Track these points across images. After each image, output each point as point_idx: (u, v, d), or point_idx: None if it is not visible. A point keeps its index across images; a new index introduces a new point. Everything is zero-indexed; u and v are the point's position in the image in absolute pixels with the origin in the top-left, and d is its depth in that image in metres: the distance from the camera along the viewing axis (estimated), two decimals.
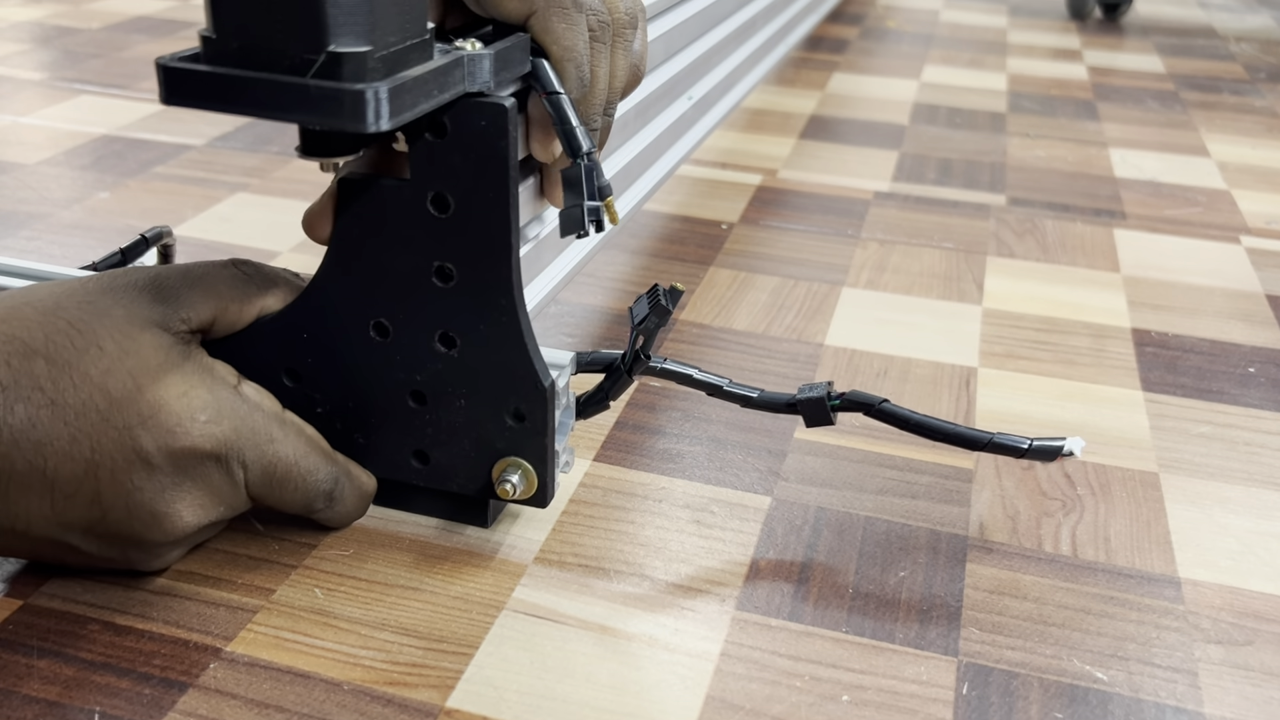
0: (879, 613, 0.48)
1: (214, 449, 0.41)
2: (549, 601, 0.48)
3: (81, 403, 0.37)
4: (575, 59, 0.46)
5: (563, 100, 0.46)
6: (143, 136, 1.02)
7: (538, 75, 0.46)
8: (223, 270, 0.45)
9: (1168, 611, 0.49)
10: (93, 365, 0.38)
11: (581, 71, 0.46)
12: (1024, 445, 0.51)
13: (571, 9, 0.46)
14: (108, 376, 0.38)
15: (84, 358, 0.38)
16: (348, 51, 0.36)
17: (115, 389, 0.38)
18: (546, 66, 0.46)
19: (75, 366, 0.38)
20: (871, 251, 0.85)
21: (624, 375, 0.51)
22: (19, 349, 0.37)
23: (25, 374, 0.37)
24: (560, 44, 0.46)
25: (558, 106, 0.46)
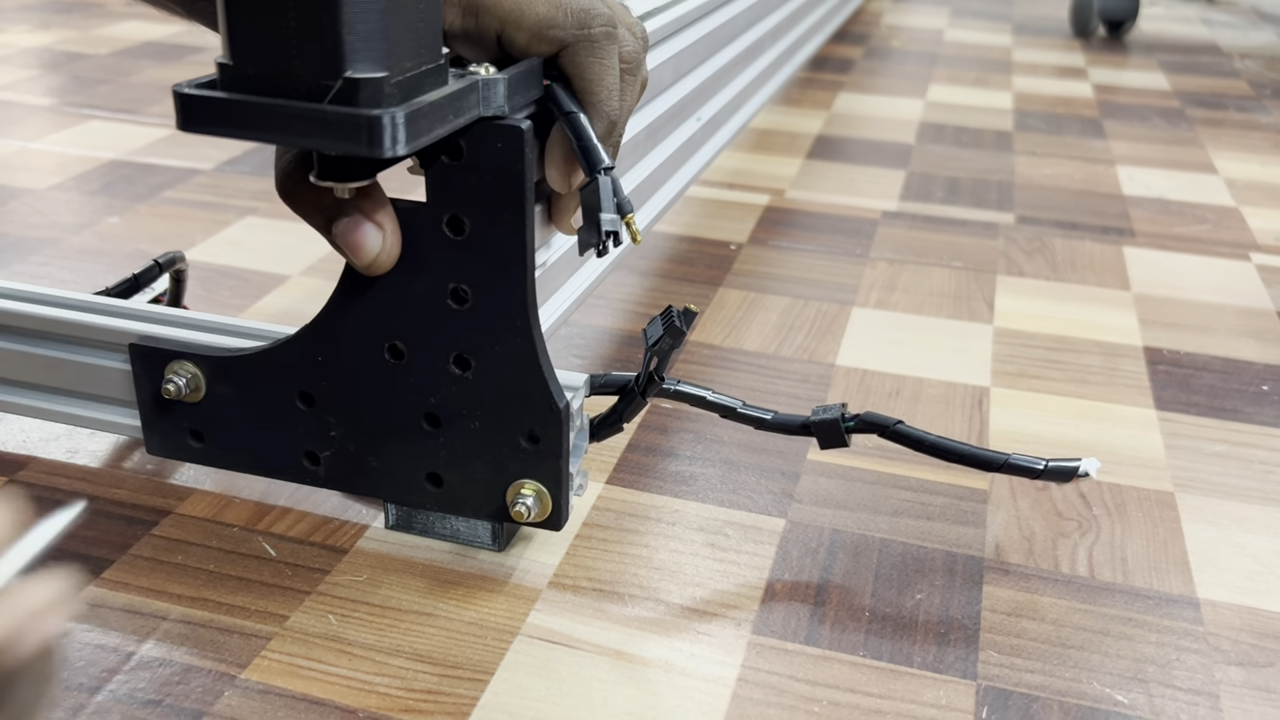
0: (896, 635, 0.48)
1: None
2: (564, 626, 0.47)
3: None
4: (607, 96, 0.45)
5: (580, 118, 0.45)
6: (152, 161, 1.03)
7: (554, 97, 0.46)
8: None
9: (1187, 633, 0.48)
10: None
11: (610, 106, 0.46)
12: (1039, 466, 0.51)
13: (604, 42, 0.45)
14: None
15: None
16: (364, 77, 0.36)
17: None
18: (559, 89, 0.46)
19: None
20: (881, 271, 0.85)
21: (638, 397, 0.51)
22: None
23: None
24: (592, 80, 0.45)
25: (576, 126, 0.45)
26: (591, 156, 0.45)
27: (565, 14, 0.44)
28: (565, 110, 0.45)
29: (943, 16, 1.89)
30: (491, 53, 0.45)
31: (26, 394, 0.54)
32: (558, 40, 0.44)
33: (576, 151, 0.45)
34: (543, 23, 0.44)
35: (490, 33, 0.44)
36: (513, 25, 0.44)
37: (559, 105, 0.46)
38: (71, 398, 0.54)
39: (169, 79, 1.31)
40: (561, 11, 0.44)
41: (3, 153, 1.04)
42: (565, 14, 0.44)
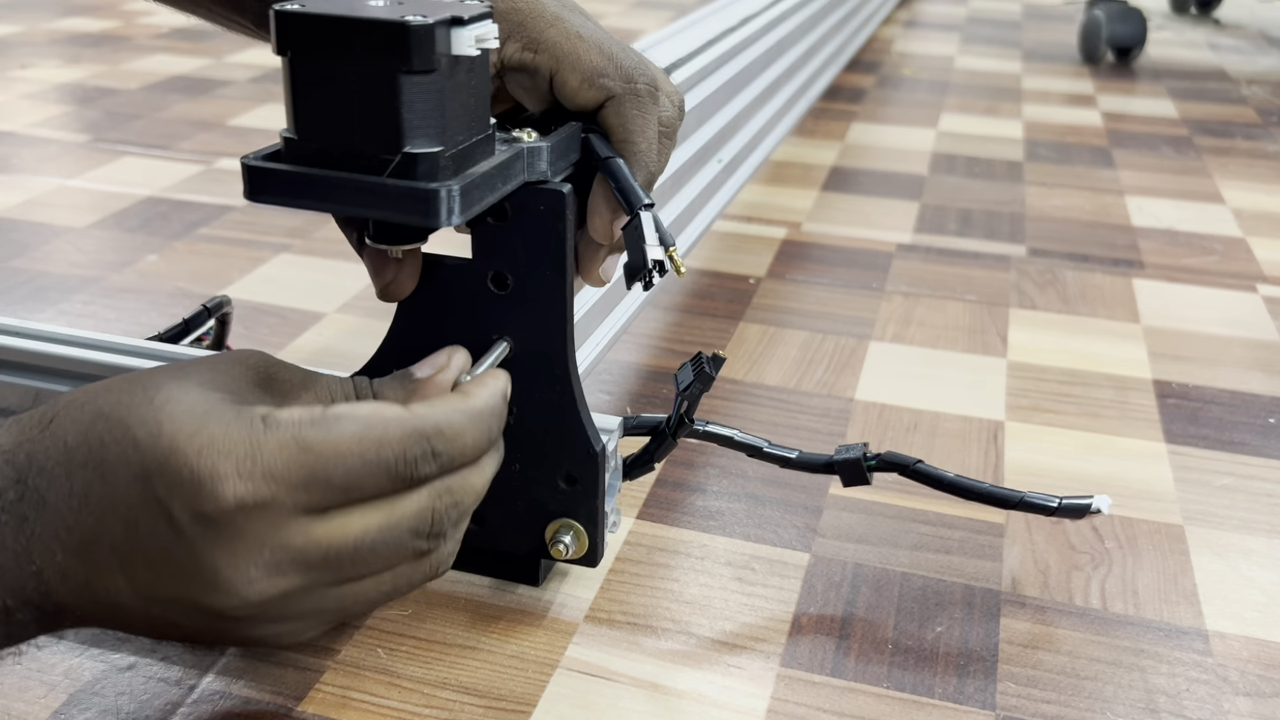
0: (918, 667, 0.50)
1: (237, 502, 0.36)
2: (601, 659, 0.50)
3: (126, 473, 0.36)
4: (647, 148, 0.48)
5: (619, 162, 0.47)
6: (186, 198, 1.06)
7: (592, 147, 0.48)
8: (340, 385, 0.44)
9: (1197, 664, 0.51)
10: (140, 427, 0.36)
11: (650, 158, 0.48)
12: (1053, 504, 0.53)
13: (647, 98, 0.48)
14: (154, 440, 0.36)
15: (134, 418, 0.36)
16: (421, 152, 0.39)
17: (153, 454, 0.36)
18: (597, 139, 0.48)
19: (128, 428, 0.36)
20: (896, 305, 0.87)
21: (669, 438, 0.54)
22: (89, 412, 0.37)
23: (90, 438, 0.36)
24: (634, 132, 0.47)
25: (616, 169, 0.47)
26: (632, 196, 0.47)
27: (615, 66, 0.47)
28: (604, 156, 0.47)
29: (953, 43, 1.92)
30: (541, 92, 0.48)
31: None
32: (606, 89, 0.47)
33: (616, 194, 0.47)
34: (595, 70, 0.47)
35: (545, 71, 0.47)
36: (568, 67, 0.46)
37: (598, 153, 0.47)
38: None
39: (198, 113, 1.34)
40: (613, 64, 0.47)
41: (42, 190, 1.07)
42: (615, 66, 0.47)
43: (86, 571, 0.37)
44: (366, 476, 0.38)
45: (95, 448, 0.37)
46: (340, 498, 0.38)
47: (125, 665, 0.48)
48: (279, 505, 0.37)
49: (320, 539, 0.37)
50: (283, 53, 0.39)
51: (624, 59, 0.48)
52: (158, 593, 0.37)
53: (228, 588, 0.36)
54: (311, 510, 0.37)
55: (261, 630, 0.39)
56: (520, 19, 0.47)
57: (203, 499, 0.36)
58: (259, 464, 0.36)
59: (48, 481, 0.36)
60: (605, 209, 0.48)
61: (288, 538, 0.37)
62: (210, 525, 0.36)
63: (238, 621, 0.38)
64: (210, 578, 0.36)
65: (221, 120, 1.32)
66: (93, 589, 0.37)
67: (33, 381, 0.56)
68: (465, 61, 0.40)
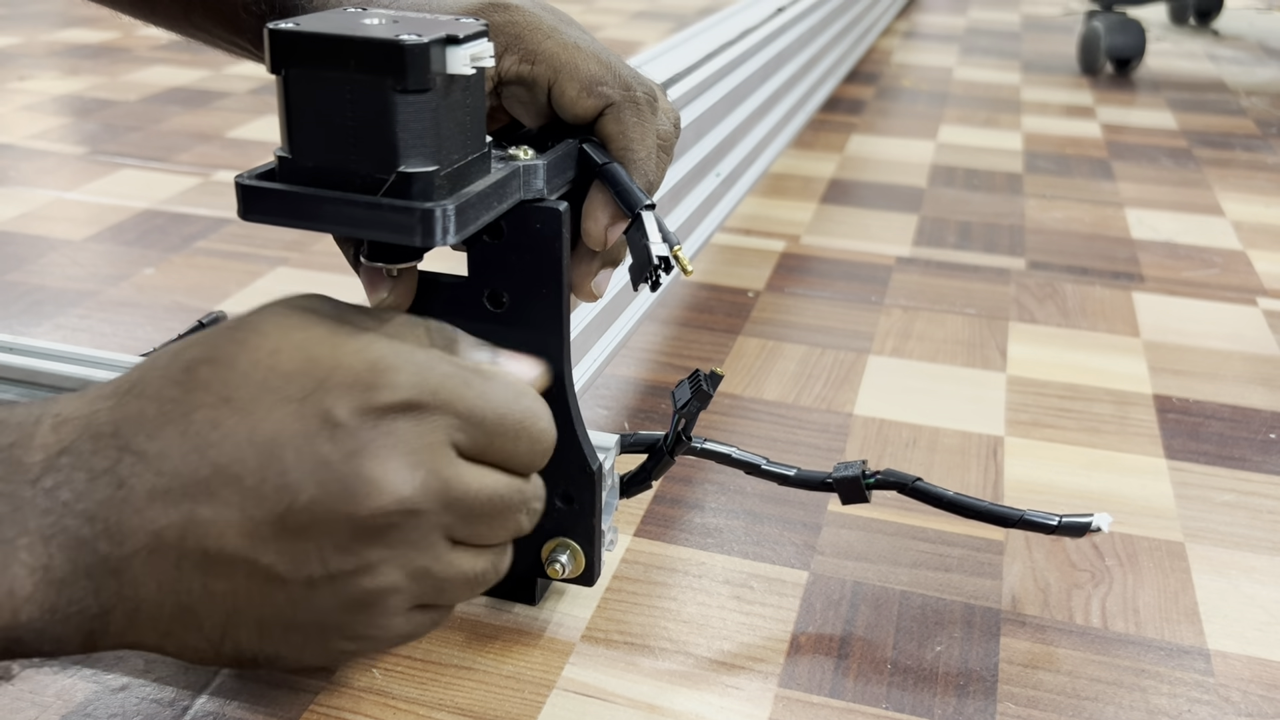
0: (918, 688, 0.49)
1: (403, 399, 0.36)
2: (598, 680, 0.49)
3: (253, 390, 0.36)
4: (646, 156, 0.48)
5: (616, 166, 0.47)
6: (183, 211, 1.06)
7: (588, 156, 0.47)
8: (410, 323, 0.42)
9: (1198, 684, 0.50)
10: (257, 351, 0.37)
11: (649, 168, 0.48)
12: (1053, 523, 0.53)
13: (645, 107, 0.48)
14: (276, 356, 0.36)
15: (245, 348, 0.37)
16: (416, 172, 0.38)
17: (285, 365, 0.36)
18: (592, 148, 0.47)
19: (239, 358, 0.36)
20: (896, 318, 0.87)
21: (666, 456, 0.54)
22: (185, 363, 0.37)
23: (196, 383, 0.36)
24: (633, 140, 0.47)
25: (613, 172, 0.47)
26: (632, 197, 0.46)
27: (614, 75, 0.47)
28: (602, 161, 0.47)
29: (952, 54, 1.92)
30: (538, 105, 0.48)
31: None
32: (605, 96, 0.47)
33: (615, 198, 0.46)
34: (594, 79, 0.46)
35: (543, 82, 0.47)
36: (566, 76, 0.46)
37: (595, 160, 0.47)
38: None
39: (197, 125, 1.34)
40: (611, 72, 0.47)
41: (40, 203, 1.07)
42: (614, 75, 0.47)
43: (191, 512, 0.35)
44: (511, 438, 0.39)
45: (209, 385, 0.36)
46: (485, 447, 0.39)
47: (118, 686, 0.48)
48: (437, 425, 0.37)
49: (464, 476, 0.38)
50: (277, 71, 0.39)
51: (621, 69, 0.48)
52: (292, 506, 0.35)
53: (383, 485, 0.36)
54: (461, 447, 0.38)
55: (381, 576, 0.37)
56: (517, 32, 0.47)
57: (374, 388, 0.36)
58: (428, 379, 0.37)
59: (146, 437, 0.35)
60: (603, 214, 0.47)
61: (441, 462, 0.37)
62: (375, 417, 0.36)
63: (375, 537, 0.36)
64: (366, 471, 0.35)
65: (220, 132, 1.32)
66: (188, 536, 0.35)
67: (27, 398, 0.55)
68: (460, 80, 0.40)
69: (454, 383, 0.38)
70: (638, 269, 0.46)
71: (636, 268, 0.47)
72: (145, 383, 0.37)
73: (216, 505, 0.35)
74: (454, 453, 0.38)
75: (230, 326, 0.38)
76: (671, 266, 0.46)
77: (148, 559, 0.35)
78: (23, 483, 0.34)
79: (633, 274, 0.47)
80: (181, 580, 0.36)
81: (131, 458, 0.35)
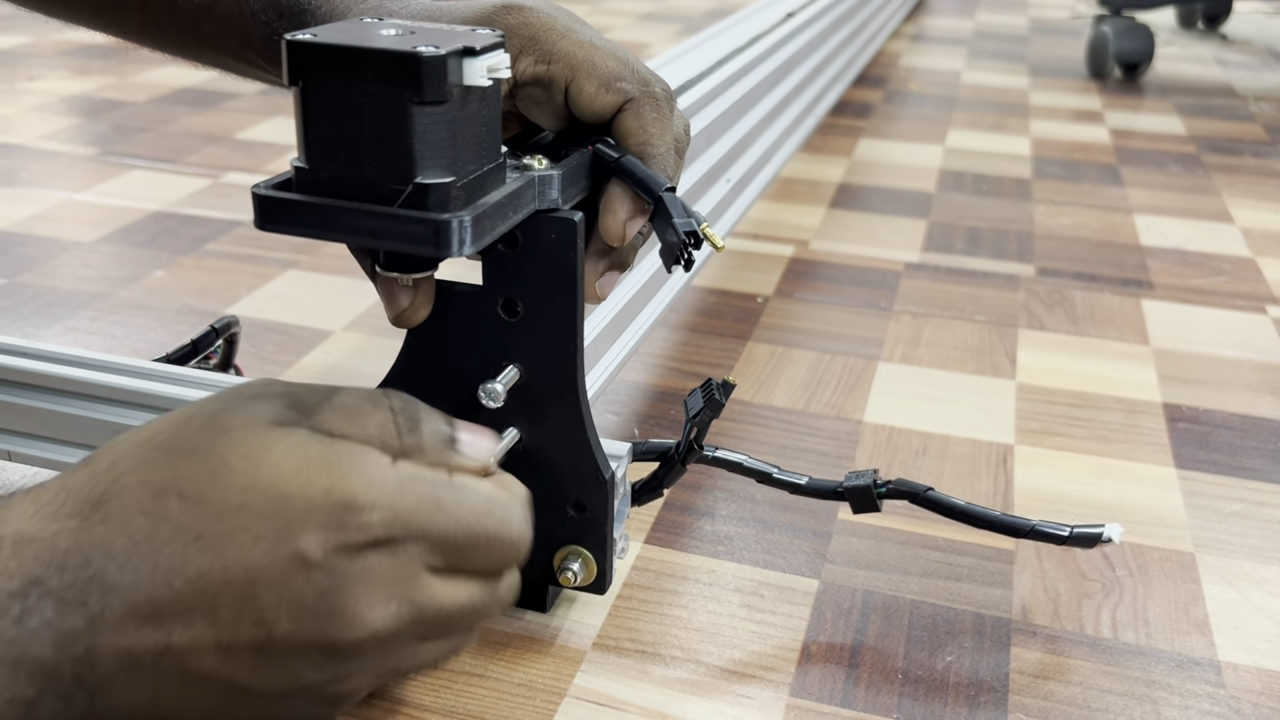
0: (929, 698, 0.50)
1: (376, 536, 0.36)
2: (609, 688, 0.49)
3: (225, 530, 0.35)
4: (665, 152, 0.48)
5: (632, 159, 0.47)
6: (193, 212, 1.06)
7: (602, 154, 0.47)
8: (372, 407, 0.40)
9: (1209, 696, 0.50)
10: (227, 488, 0.36)
11: (668, 163, 0.48)
12: (1064, 533, 0.53)
13: (664, 105, 0.48)
14: (246, 495, 0.36)
15: (215, 483, 0.36)
16: (433, 183, 0.38)
17: (256, 505, 0.36)
18: (606, 145, 0.47)
19: (209, 494, 0.36)
20: (905, 325, 0.87)
21: (678, 465, 0.54)
22: (149, 492, 0.36)
23: (165, 515, 0.35)
24: (653, 135, 0.47)
25: (630, 163, 0.46)
26: (652, 183, 0.46)
27: (631, 71, 0.47)
28: (619, 155, 0.47)
29: (959, 58, 1.92)
30: (555, 105, 0.48)
31: None
32: (623, 92, 0.47)
33: (634, 187, 0.46)
34: (611, 75, 0.47)
35: (560, 81, 0.47)
36: (584, 73, 0.46)
37: (609, 155, 0.47)
38: None
39: (206, 127, 1.34)
40: (628, 69, 0.47)
41: (50, 204, 1.07)
42: (631, 71, 0.47)
43: (167, 636, 0.35)
44: (484, 551, 0.39)
45: (179, 520, 0.36)
46: (457, 562, 0.39)
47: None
48: (410, 558, 0.37)
49: (437, 596, 0.38)
50: (294, 83, 0.39)
51: (638, 65, 0.48)
52: (270, 638, 0.36)
53: (357, 620, 0.36)
54: (433, 568, 0.38)
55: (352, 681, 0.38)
56: (532, 33, 0.47)
57: (346, 528, 0.36)
58: (399, 510, 0.37)
59: (118, 569, 0.35)
60: (622, 208, 0.47)
61: (413, 589, 0.38)
62: (349, 556, 0.36)
63: (349, 657, 0.37)
64: (341, 608, 0.36)
65: (229, 134, 1.32)
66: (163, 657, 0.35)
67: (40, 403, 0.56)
68: (477, 91, 0.40)
69: (426, 509, 0.38)
70: (668, 250, 0.46)
71: (666, 250, 0.46)
72: (110, 504, 0.36)
73: (193, 631, 0.35)
74: (428, 574, 0.38)
75: (194, 449, 0.37)
76: (701, 242, 0.46)
77: (124, 680, 0.35)
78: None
79: (664, 257, 0.47)
80: (158, 695, 0.36)
81: (100, 589, 0.35)
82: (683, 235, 0.45)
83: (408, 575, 0.37)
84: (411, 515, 0.37)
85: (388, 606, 0.37)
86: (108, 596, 0.35)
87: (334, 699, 0.39)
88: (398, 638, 0.38)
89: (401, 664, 0.39)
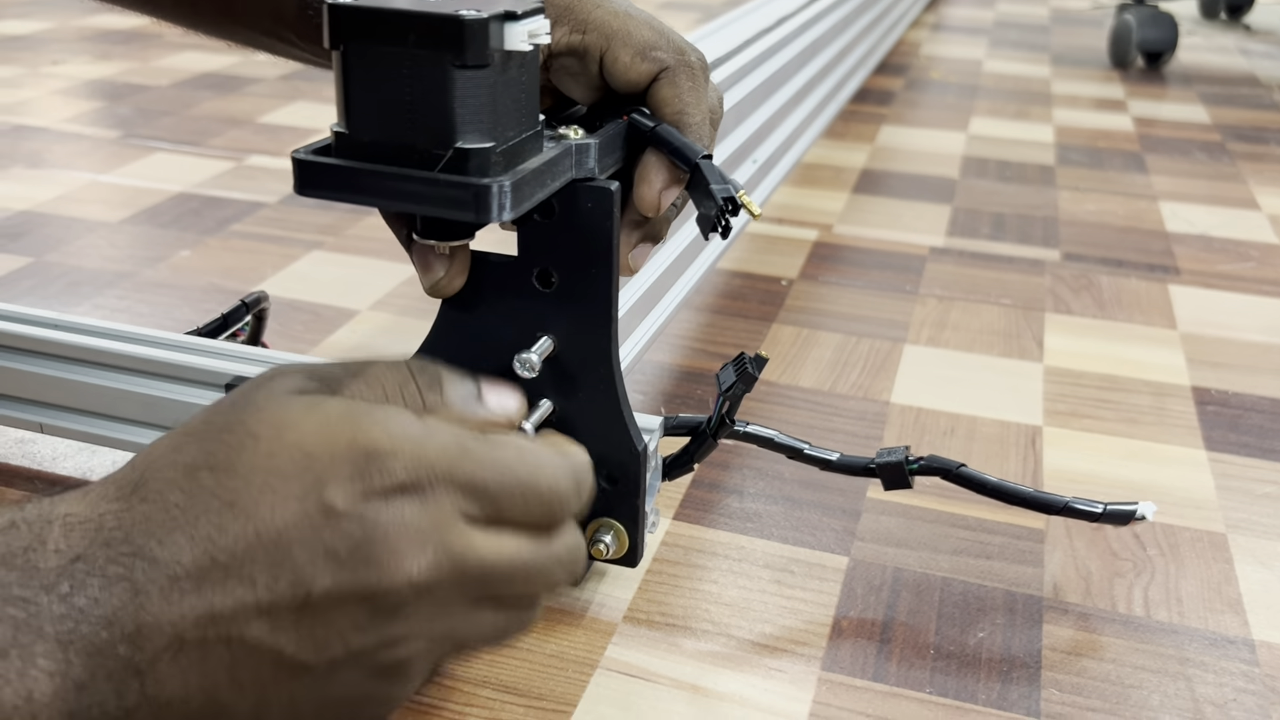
0: (961, 673, 0.49)
1: (400, 481, 0.36)
2: (641, 660, 0.49)
3: (255, 494, 0.36)
4: (701, 120, 0.47)
5: (668, 127, 0.47)
6: (217, 194, 1.06)
7: (638, 122, 0.47)
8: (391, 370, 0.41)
9: (1243, 674, 0.50)
10: (254, 454, 0.36)
11: (704, 132, 0.47)
12: (1098, 510, 0.53)
13: (699, 72, 0.47)
14: (273, 459, 0.36)
15: (243, 452, 0.36)
16: (473, 148, 0.38)
17: (283, 466, 0.36)
18: (640, 113, 0.47)
19: (238, 463, 0.36)
20: (931, 308, 0.87)
21: (709, 439, 0.53)
22: (185, 467, 0.36)
23: (198, 488, 0.36)
24: (689, 104, 0.47)
25: (666, 132, 0.46)
26: (688, 150, 0.46)
27: (667, 40, 0.47)
28: (654, 123, 0.47)
29: (981, 46, 1.91)
30: (590, 76, 0.48)
31: (125, 428, 0.57)
32: (659, 60, 0.47)
33: (670, 156, 0.46)
34: (647, 44, 0.47)
35: (595, 50, 0.47)
36: (619, 42, 0.46)
37: (645, 124, 0.47)
38: None
39: (229, 110, 1.35)
40: (664, 38, 0.47)
41: (75, 185, 1.07)
42: (667, 40, 0.47)
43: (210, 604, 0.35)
44: (520, 499, 0.38)
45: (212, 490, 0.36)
46: (494, 513, 0.38)
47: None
48: (440, 500, 0.36)
49: (478, 547, 0.37)
50: (335, 46, 0.39)
51: (673, 35, 0.48)
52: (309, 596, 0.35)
53: (392, 566, 0.35)
54: (469, 517, 0.37)
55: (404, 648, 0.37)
56: (567, 3, 0.47)
57: (370, 475, 0.35)
58: (424, 455, 0.36)
59: (157, 542, 0.35)
60: (657, 177, 0.46)
61: (450, 536, 0.36)
62: (377, 502, 0.35)
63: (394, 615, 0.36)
64: (375, 555, 0.35)
65: (251, 117, 1.32)
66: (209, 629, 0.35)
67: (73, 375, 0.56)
68: (517, 56, 0.40)
69: (450, 454, 0.37)
70: (704, 218, 0.46)
71: (703, 217, 0.46)
72: (148, 485, 0.36)
73: (234, 596, 0.35)
74: (465, 524, 0.37)
75: (222, 427, 0.37)
76: (739, 209, 0.46)
77: (171, 659, 0.35)
78: (38, 589, 0.34)
79: (701, 224, 0.47)
80: (207, 675, 0.35)
81: (144, 563, 0.35)
82: (721, 201, 0.45)
83: (440, 521, 0.36)
84: (436, 459, 0.36)
85: (423, 553, 0.36)
86: (150, 570, 0.35)
87: (388, 671, 0.37)
88: (442, 592, 0.37)
89: (456, 630, 0.38)
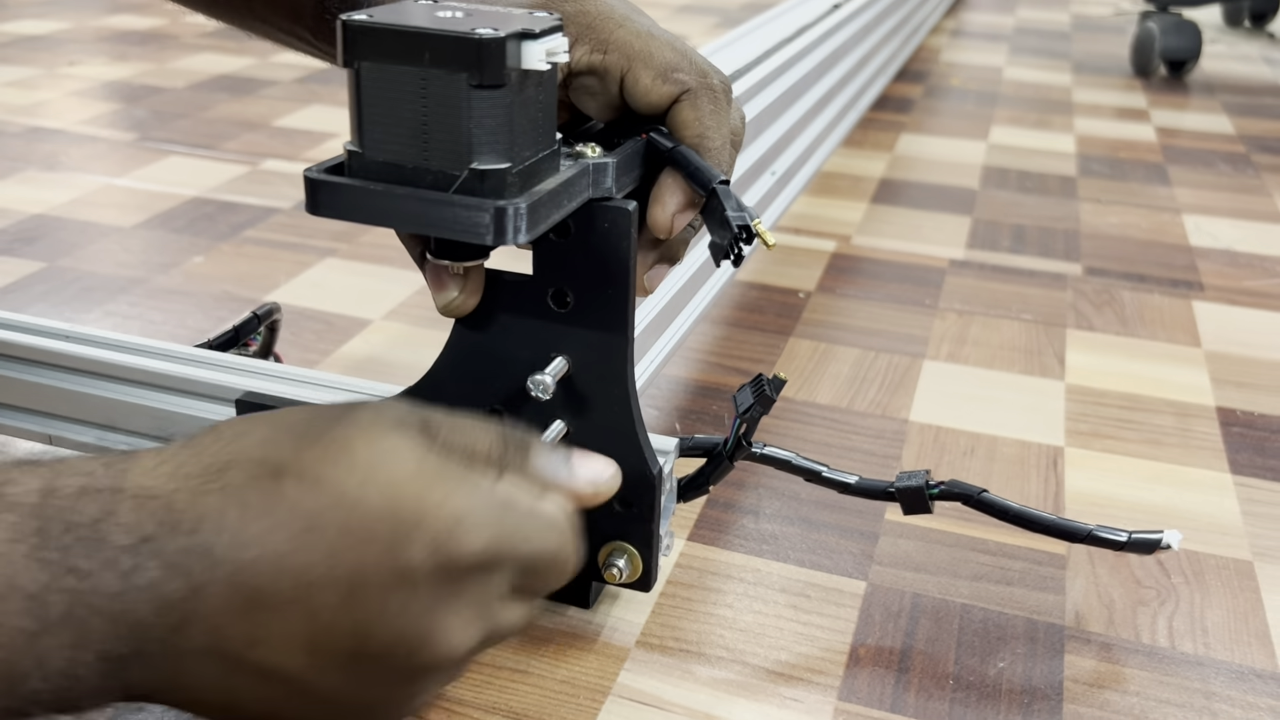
0: (981, 704, 0.48)
1: (478, 561, 0.36)
2: (653, 688, 0.48)
3: (337, 524, 0.34)
4: (721, 145, 0.46)
5: (686, 149, 0.46)
6: (231, 199, 1.06)
7: (656, 142, 0.46)
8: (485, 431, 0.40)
9: (1271, 710, 0.49)
10: (346, 480, 0.35)
11: (723, 157, 0.47)
12: (1122, 539, 0.51)
13: (721, 95, 0.46)
14: (363, 490, 0.35)
15: (336, 470, 0.35)
16: (489, 169, 0.38)
17: (371, 503, 0.35)
18: (659, 134, 0.46)
19: (327, 482, 0.35)
20: (950, 323, 0.86)
21: (725, 461, 0.53)
22: (269, 469, 0.35)
23: (281, 497, 0.35)
24: (709, 128, 0.46)
25: (684, 154, 0.45)
26: (706, 174, 0.45)
27: (689, 62, 0.46)
28: (673, 144, 0.46)
29: (1001, 54, 1.89)
30: (609, 96, 0.47)
31: (134, 441, 0.57)
32: (680, 83, 0.46)
33: (687, 179, 0.45)
34: (669, 65, 0.45)
35: (616, 71, 0.46)
36: (640, 64, 0.45)
37: (663, 145, 0.46)
38: None
39: (243, 113, 1.34)
40: (686, 60, 0.46)
41: (89, 188, 1.07)
42: (689, 62, 0.46)
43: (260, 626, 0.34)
44: (542, 578, 0.39)
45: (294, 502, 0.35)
46: (521, 585, 0.39)
47: None
48: (499, 584, 0.38)
49: (505, 620, 0.39)
50: (349, 64, 0.38)
51: (696, 57, 0.47)
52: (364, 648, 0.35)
53: (445, 643, 0.36)
54: (515, 589, 0.38)
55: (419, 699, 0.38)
56: (589, 21, 0.46)
57: (455, 551, 0.36)
58: (501, 535, 0.37)
59: (226, 545, 0.34)
60: (671, 200, 0.46)
61: (494, 612, 0.38)
62: (451, 580, 0.36)
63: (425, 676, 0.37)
64: (434, 632, 0.36)
65: (267, 121, 1.32)
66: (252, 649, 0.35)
67: (83, 387, 0.55)
68: (535, 76, 0.39)
69: (520, 536, 0.38)
70: (718, 245, 0.46)
71: (716, 245, 0.46)
72: (229, 474, 0.35)
73: (288, 625, 0.35)
74: (509, 598, 0.39)
75: (321, 434, 0.37)
76: (752, 238, 0.45)
77: (205, 658, 0.35)
78: (102, 562, 0.33)
79: (713, 252, 0.46)
80: (235, 682, 0.35)
81: (207, 561, 0.34)
82: (736, 229, 0.44)
83: (493, 600, 0.37)
84: (507, 542, 0.37)
85: (474, 629, 0.37)
86: (212, 570, 0.34)
87: (394, 715, 0.38)
88: (469, 657, 0.38)
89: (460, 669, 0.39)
